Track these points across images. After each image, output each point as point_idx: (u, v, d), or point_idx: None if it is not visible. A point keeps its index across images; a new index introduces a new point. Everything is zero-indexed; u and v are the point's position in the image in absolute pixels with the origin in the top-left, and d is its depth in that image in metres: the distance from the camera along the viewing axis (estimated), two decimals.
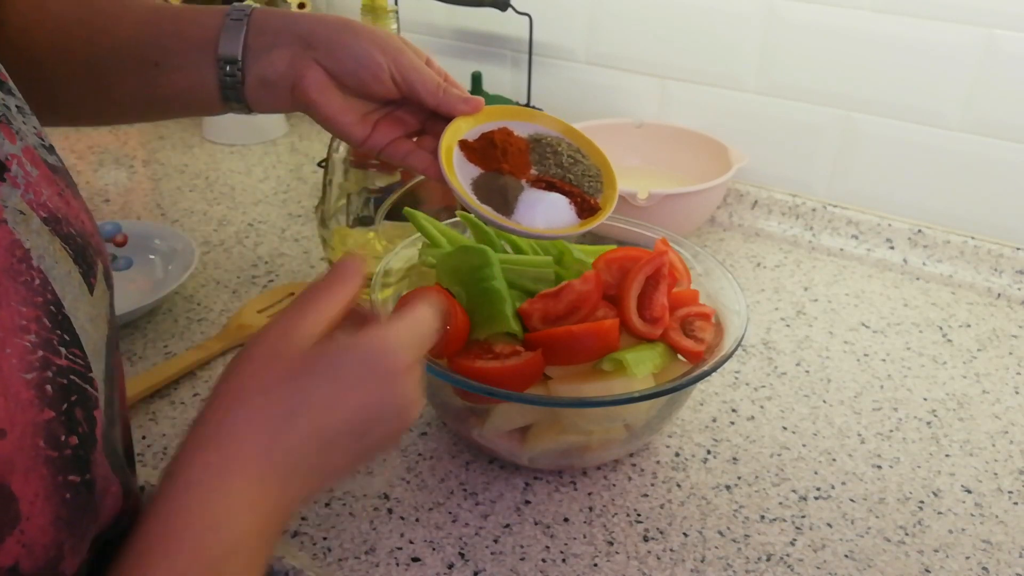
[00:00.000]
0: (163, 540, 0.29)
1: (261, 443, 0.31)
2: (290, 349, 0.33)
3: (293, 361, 0.33)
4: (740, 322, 0.55)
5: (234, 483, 0.30)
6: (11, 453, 0.26)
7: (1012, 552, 0.52)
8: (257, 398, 0.32)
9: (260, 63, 0.47)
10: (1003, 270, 0.82)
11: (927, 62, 0.80)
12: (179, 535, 0.29)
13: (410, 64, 0.48)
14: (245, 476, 0.30)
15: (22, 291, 0.28)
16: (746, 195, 0.92)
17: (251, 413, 0.31)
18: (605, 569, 0.50)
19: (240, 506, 0.30)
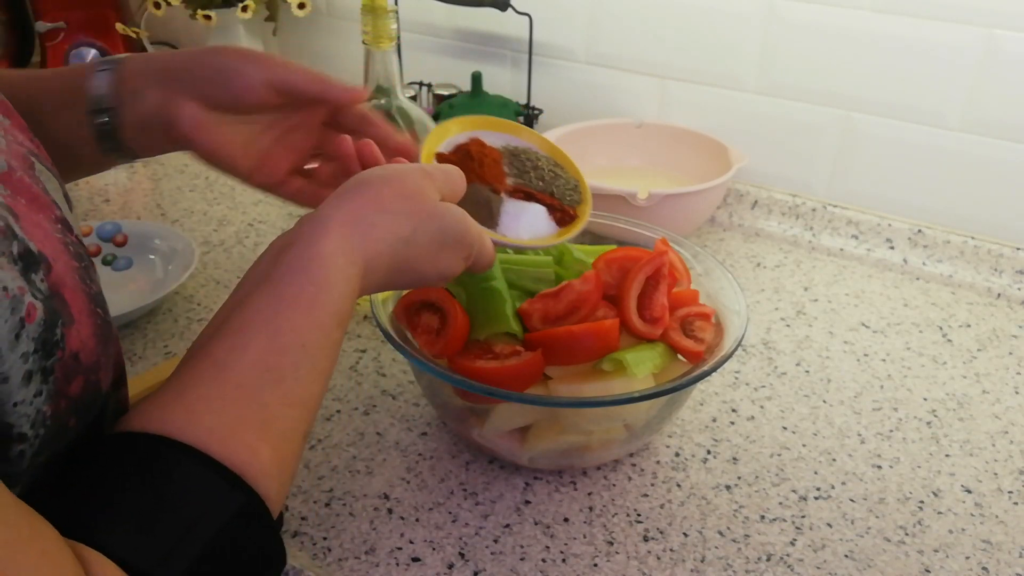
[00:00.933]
0: (272, 270, 0.36)
1: (348, 218, 0.38)
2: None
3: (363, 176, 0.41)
4: (740, 322, 0.55)
5: (330, 234, 0.37)
6: (60, 275, 0.32)
7: (1012, 552, 0.52)
8: (345, 202, 0.39)
9: (132, 107, 0.46)
10: (1003, 270, 0.82)
11: (927, 62, 0.80)
12: (285, 264, 0.36)
13: (281, 64, 0.48)
14: (339, 233, 0.37)
15: (37, 184, 0.34)
16: (746, 195, 0.92)
17: (341, 205, 0.39)
18: (605, 569, 0.50)
19: (335, 249, 0.37)
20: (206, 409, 0.32)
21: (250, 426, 0.32)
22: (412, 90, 1.02)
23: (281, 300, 0.35)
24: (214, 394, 0.32)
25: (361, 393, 0.64)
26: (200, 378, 0.33)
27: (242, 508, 0.30)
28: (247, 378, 0.33)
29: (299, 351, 0.34)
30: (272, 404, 0.33)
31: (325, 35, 1.17)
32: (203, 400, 0.32)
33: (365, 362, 0.68)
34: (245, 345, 0.34)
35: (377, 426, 0.61)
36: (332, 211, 0.39)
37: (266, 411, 0.33)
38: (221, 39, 1.06)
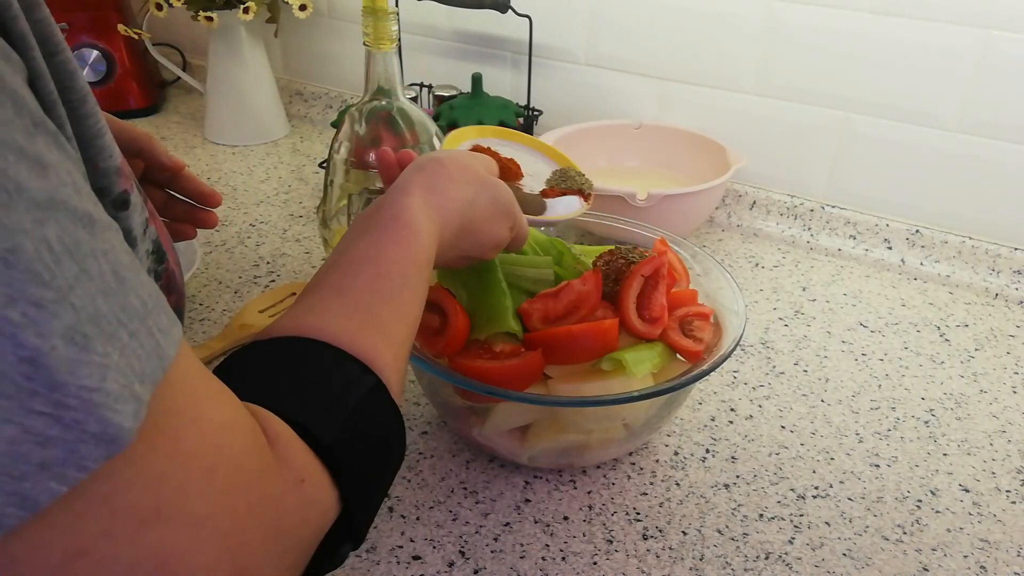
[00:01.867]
0: (369, 221, 0.42)
1: (424, 183, 0.45)
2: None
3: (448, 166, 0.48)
4: (738, 322, 0.55)
5: (413, 194, 0.44)
6: (151, 212, 0.42)
7: (1010, 551, 0.53)
8: (419, 172, 0.46)
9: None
10: (1000, 270, 0.82)
11: (925, 63, 0.80)
12: (380, 216, 0.42)
13: (108, 118, 0.57)
14: (419, 194, 0.44)
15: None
16: (744, 196, 0.92)
17: (417, 174, 0.46)
18: (604, 567, 0.50)
19: (418, 205, 0.43)
20: (334, 319, 0.37)
21: (370, 331, 0.37)
22: (413, 91, 1.02)
23: (381, 240, 0.41)
24: (338, 308, 0.37)
25: None
26: (324, 298, 0.38)
27: (374, 387, 0.35)
28: (362, 297, 0.38)
29: (400, 279, 0.40)
30: (385, 316, 0.38)
31: (326, 37, 1.18)
32: (330, 312, 0.37)
33: None
34: (357, 273, 0.39)
35: None
36: (411, 177, 0.45)
37: (381, 321, 0.38)
38: (223, 40, 1.07)
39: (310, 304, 0.38)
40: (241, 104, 1.10)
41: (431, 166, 0.47)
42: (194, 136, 1.14)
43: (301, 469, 0.31)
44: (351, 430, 0.33)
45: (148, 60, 1.20)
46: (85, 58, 1.14)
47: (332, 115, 1.19)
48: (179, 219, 0.61)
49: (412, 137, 0.70)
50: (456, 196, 0.46)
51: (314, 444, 0.32)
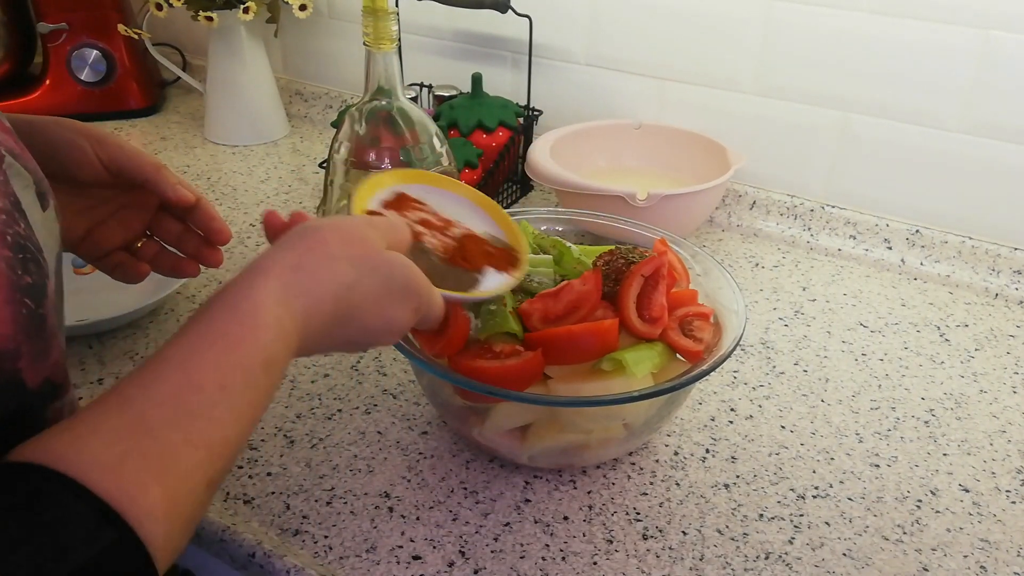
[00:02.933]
0: (202, 312, 0.35)
1: (290, 263, 0.38)
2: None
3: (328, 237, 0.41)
4: (738, 322, 0.55)
5: (269, 279, 0.37)
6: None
7: (1010, 551, 0.53)
8: (289, 248, 0.40)
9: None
10: (1000, 270, 0.82)
11: (925, 63, 0.80)
12: (216, 304, 0.35)
13: (117, 145, 0.50)
14: (277, 278, 0.37)
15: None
16: (744, 196, 0.92)
17: (285, 250, 0.39)
18: (604, 567, 0.50)
19: (271, 294, 0.36)
20: (96, 440, 0.30)
21: (143, 462, 0.30)
22: (413, 91, 1.02)
23: (204, 338, 0.34)
24: (110, 426, 0.30)
25: (362, 392, 0.65)
26: (102, 410, 0.31)
27: (112, 544, 0.28)
28: (153, 413, 0.31)
29: (217, 391, 0.33)
30: (175, 442, 0.31)
31: (326, 36, 1.18)
32: (96, 432, 0.30)
33: (366, 361, 0.68)
34: (157, 379, 0.32)
35: (378, 425, 0.61)
36: (276, 255, 0.38)
37: (166, 449, 0.31)
38: (223, 40, 1.07)
39: (81, 417, 0.31)
40: (241, 104, 1.10)
41: (307, 240, 0.40)
42: (194, 136, 1.14)
43: None
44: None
45: (148, 60, 1.20)
46: (85, 58, 1.14)
47: (332, 115, 1.19)
48: (188, 254, 0.56)
49: (412, 137, 0.70)
50: (331, 279, 0.39)
51: None
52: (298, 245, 0.39)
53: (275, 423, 0.61)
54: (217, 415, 0.33)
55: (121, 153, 0.50)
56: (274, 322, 0.36)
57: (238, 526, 0.52)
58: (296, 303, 0.37)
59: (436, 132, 0.71)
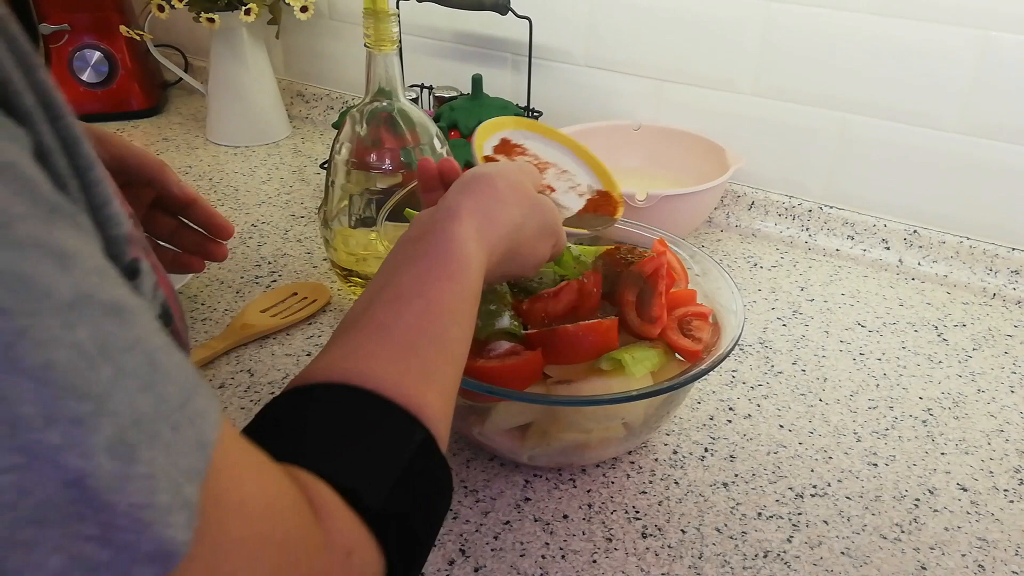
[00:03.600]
0: (417, 250, 0.41)
1: (474, 207, 0.43)
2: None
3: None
4: (737, 322, 0.56)
5: (462, 221, 0.42)
6: (155, 264, 0.34)
7: (1008, 550, 0.53)
8: (468, 193, 0.45)
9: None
10: (998, 270, 0.82)
11: (923, 64, 0.80)
12: (429, 244, 0.41)
13: (120, 142, 0.52)
14: (468, 220, 0.42)
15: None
16: (743, 196, 0.92)
17: (466, 195, 0.44)
18: (604, 565, 0.50)
19: (467, 234, 0.41)
20: (379, 364, 0.35)
21: (418, 377, 0.35)
22: (413, 92, 1.02)
23: (430, 273, 0.39)
24: (384, 351, 0.36)
25: None
26: (367, 338, 0.36)
27: (423, 442, 0.34)
28: (408, 337, 0.36)
29: (448, 316, 0.38)
30: (431, 359, 0.37)
31: (327, 38, 1.18)
32: (374, 356, 0.35)
33: None
34: (403, 310, 0.37)
35: None
36: (460, 199, 0.44)
37: (427, 365, 0.36)
38: (224, 42, 1.07)
39: (352, 345, 0.36)
40: (243, 105, 1.11)
41: (481, 186, 0.45)
42: (196, 137, 1.14)
43: (348, 540, 0.30)
44: (400, 493, 0.32)
45: (150, 61, 1.20)
46: (87, 59, 1.14)
47: (333, 116, 1.19)
48: (188, 250, 0.59)
49: (413, 138, 0.70)
50: (506, 220, 0.45)
51: (363, 510, 0.31)
52: (475, 190, 0.44)
53: None
54: (453, 335, 0.38)
55: (127, 151, 0.52)
56: (476, 259, 0.41)
57: None
58: (485, 242, 0.43)
59: (437, 133, 0.72)
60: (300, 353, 0.69)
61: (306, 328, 0.73)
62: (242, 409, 0.63)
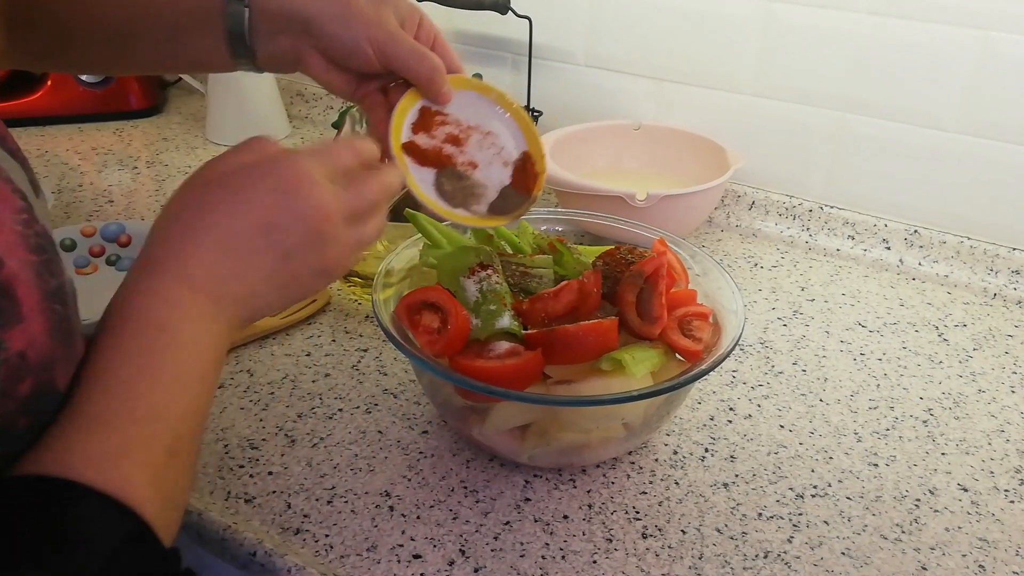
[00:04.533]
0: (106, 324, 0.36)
1: (176, 255, 0.37)
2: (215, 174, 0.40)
3: (207, 185, 0.39)
4: (737, 322, 0.56)
5: (164, 287, 0.36)
6: (12, 271, 0.32)
7: (1008, 550, 0.53)
8: (172, 223, 0.38)
9: (267, 44, 0.52)
10: (999, 270, 0.82)
11: (924, 64, 0.80)
12: (121, 320, 0.36)
13: (394, 53, 0.50)
14: (172, 278, 0.36)
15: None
16: (743, 196, 0.92)
17: (164, 233, 0.38)
18: (604, 566, 0.50)
19: (169, 301, 0.36)
20: (75, 445, 0.32)
21: (116, 452, 0.32)
22: None
23: (127, 354, 0.35)
24: (78, 432, 0.33)
25: (363, 392, 0.65)
26: (67, 421, 0.33)
27: (131, 532, 0.31)
28: (98, 411, 0.33)
29: (163, 407, 0.35)
30: (131, 433, 0.33)
31: None
32: (68, 437, 0.32)
33: (367, 361, 0.68)
34: (94, 386, 0.34)
35: (378, 424, 0.61)
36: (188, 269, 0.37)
37: (127, 440, 0.33)
38: None
39: (55, 428, 0.33)
40: (242, 105, 1.11)
41: (191, 206, 0.38)
42: (195, 137, 1.14)
43: None
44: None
45: None
46: None
47: (333, 116, 1.19)
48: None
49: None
50: (217, 239, 0.38)
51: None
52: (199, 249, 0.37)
53: (276, 423, 0.61)
54: (160, 400, 0.35)
55: (398, 63, 0.50)
56: (212, 340, 0.37)
57: (239, 525, 0.52)
58: (223, 320, 0.38)
59: None
60: (299, 353, 0.69)
61: (306, 328, 0.73)
62: (242, 409, 0.62)
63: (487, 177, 0.55)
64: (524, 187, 0.55)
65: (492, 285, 0.54)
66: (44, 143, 1.11)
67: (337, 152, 0.43)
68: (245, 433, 0.60)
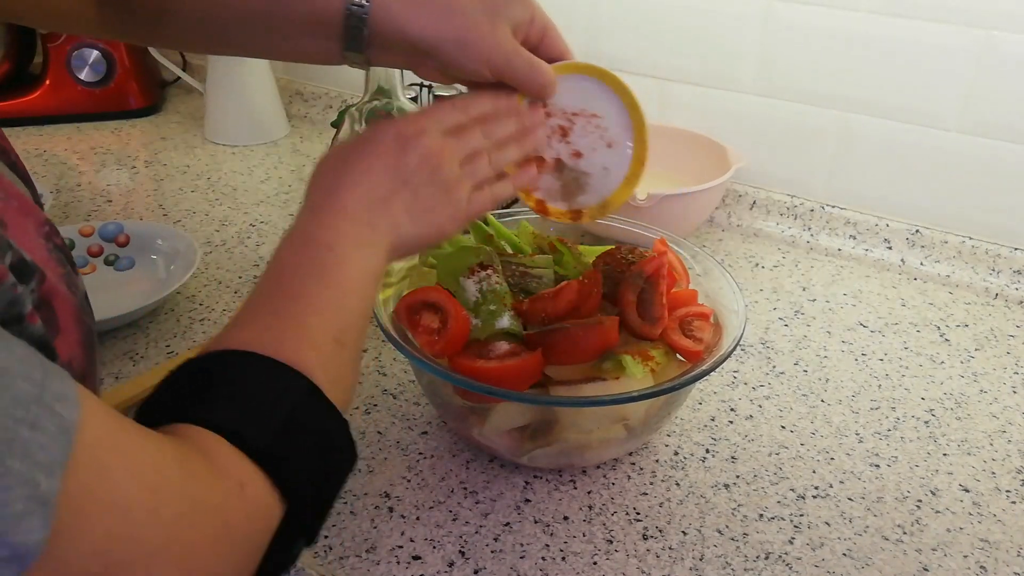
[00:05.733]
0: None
1: (335, 197, 0.43)
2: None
3: (345, 149, 0.46)
4: (738, 322, 0.55)
5: (329, 219, 0.42)
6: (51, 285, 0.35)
7: (1010, 551, 0.53)
8: (323, 178, 0.45)
9: (382, 56, 0.52)
10: (1000, 270, 0.82)
11: (925, 64, 0.80)
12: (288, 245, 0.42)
13: (511, 74, 0.51)
14: (334, 213, 0.43)
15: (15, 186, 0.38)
16: (744, 196, 0.92)
17: (319, 185, 0.45)
18: (604, 567, 0.50)
19: (333, 227, 0.42)
20: (262, 332, 0.37)
21: (291, 335, 0.37)
22: (412, 91, 1.02)
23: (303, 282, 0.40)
24: (259, 320, 0.38)
25: (362, 392, 0.65)
26: (245, 311, 0.39)
27: (308, 388, 0.35)
28: (271, 302, 0.39)
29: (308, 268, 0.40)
30: (298, 315, 0.38)
31: None
32: (251, 324, 0.38)
33: (366, 361, 0.68)
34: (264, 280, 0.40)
35: (378, 425, 0.61)
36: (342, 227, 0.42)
37: (298, 323, 0.38)
38: None
39: (233, 321, 0.39)
40: (241, 104, 1.10)
41: (334, 171, 0.45)
42: (194, 136, 1.14)
43: (240, 473, 0.32)
44: (286, 432, 0.34)
45: (148, 60, 1.20)
46: (85, 58, 1.14)
47: (332, 115, 1.19)
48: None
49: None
50: (361, 193, 0.44)
51: (248, 449, 0.33)
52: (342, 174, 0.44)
53: None
54: (324, 296, 0.39)
55: (510, 66, 0.51)
56: (369, 260, 0.42)
57: None
58: (380, 242, 0.43)
59: None
60: None
61: None
62: None
63: (590, 164, 0.55)
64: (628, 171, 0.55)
65: (492, 285, 0.53)
66: (42, 143, 1.10)
67: (445, 110, 0.49)
68: None
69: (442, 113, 0.49)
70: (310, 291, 0.39)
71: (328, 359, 0.38)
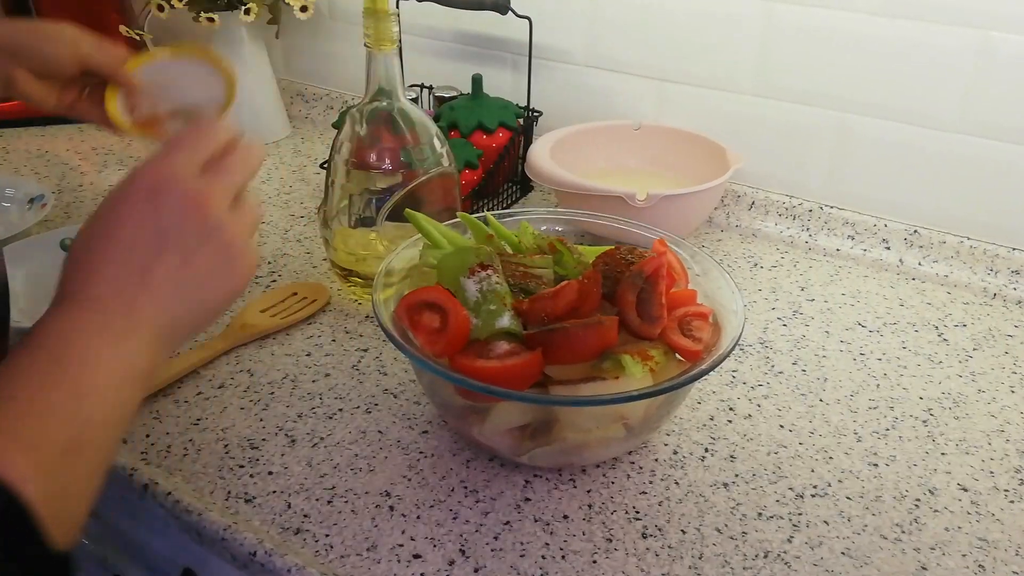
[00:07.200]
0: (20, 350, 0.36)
1: (82, 281, 0.38)
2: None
3: (96, 219, 0.40)
4: (737, 321, 0.56)
5: (71, 310, 0.37)
6: None
7: (1008, 550, 0.53)
8: (76, 255, 0.39)
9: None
10: (999, 270, 0.82)
11: (923, 64, 0.80)
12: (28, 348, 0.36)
13: (88, 56, 0.60)
14: (79, 302, 0.37)
15: None
16: (743, 196, 0.92)
17: (71, 267, 0.39)
18: (604, 566, 0.50)
19: (73, 319, 0.37)
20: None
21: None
22: (413, 92, 1.02)
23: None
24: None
25: (363, 392, 0.65)
26: None
27: (6, 504, 0.30)
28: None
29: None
30: (18, 413, 0.34)
31: (327, 38, 1.18)
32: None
33: (367, 361, 0.69)
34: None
35: (379, 424, 0.61)
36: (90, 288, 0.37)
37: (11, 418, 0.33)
38: (224, 41, 1.07)
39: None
40: (242, 105, 1.10)
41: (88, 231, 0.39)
42: None
43: None
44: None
45: None
46: None
47: (333, 116, 1.19)
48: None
49: (413, 138, 0.70)
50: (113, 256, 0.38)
51: None
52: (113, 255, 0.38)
53: (276, 423, 0.61)
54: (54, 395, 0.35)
55: (92, 61, 0.60)
56: (123, 355, 0.37)
57: (239, 525, 0.52)
58: (145, 327, 0.38)
59: (436, 133, 0.72)
60: (300, 353, 0.69)
61: (306, 328, 0.73)
62: (242, 409, 0.62)
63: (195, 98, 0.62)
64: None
65: (492, 285, 0.54)
66: (44, 143, 1.11)
67: (194, 144, 0.41)
68: (245, 433, 0.60)
69: (190, 148, 0.41)
70: (33, 393, 0.34)
71: (51, 470, 0.32)
